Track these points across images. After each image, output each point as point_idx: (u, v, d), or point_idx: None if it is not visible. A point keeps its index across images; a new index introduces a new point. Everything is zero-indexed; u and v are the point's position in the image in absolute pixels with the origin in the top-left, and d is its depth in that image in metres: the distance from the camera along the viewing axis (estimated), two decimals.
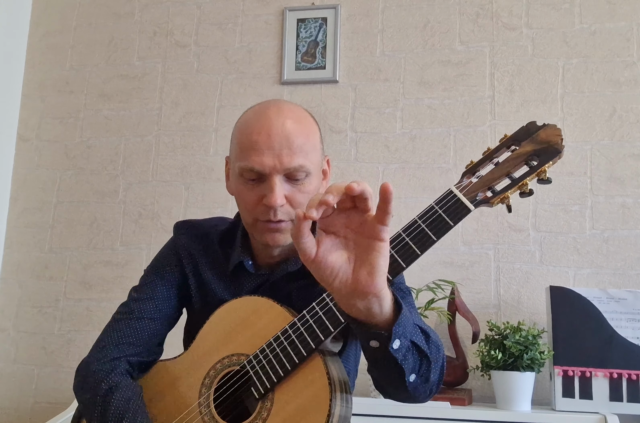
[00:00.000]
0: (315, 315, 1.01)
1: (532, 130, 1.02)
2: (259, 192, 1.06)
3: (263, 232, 1.08)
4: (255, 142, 1.05)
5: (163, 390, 1.11)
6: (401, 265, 0.99)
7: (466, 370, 1.86)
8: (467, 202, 0.99)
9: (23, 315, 2.32)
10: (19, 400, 2.26)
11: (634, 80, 2.07)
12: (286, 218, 1.07)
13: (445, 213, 0.99)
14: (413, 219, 1.00)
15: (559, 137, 1.00)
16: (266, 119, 1.07)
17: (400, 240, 1.00)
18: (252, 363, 1.03)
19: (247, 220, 1.11)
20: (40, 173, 2.42)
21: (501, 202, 1.01)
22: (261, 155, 1.04)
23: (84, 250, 2.33)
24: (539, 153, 0.99)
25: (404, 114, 2.20)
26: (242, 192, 1.09)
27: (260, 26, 2.36)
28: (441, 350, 1.03)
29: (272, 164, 1.04)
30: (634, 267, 1.96)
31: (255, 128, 1.07)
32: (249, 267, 1.15)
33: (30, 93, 2.50)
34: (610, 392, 1.72)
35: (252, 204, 1.07)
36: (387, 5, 2.28)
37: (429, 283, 1.89)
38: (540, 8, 2.17)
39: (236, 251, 1.17)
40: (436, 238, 0.99)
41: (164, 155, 2.34)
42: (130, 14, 2.48)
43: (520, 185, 1.00)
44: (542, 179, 0.99)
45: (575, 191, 2.04)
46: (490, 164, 1.03)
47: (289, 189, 1.06)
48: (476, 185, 1.01)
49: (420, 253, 0.99)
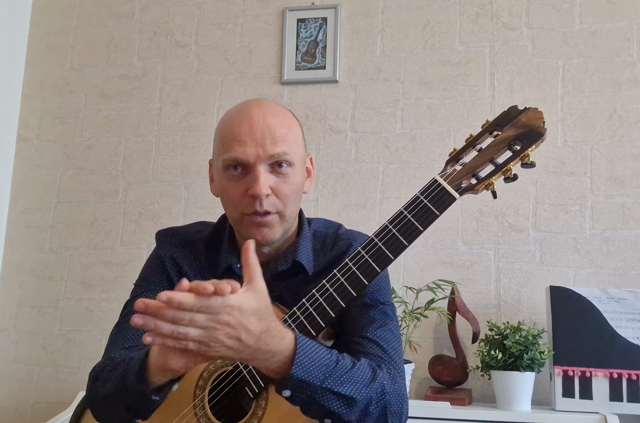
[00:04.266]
0: (305, 312, 1.01)
1: (513, 115, 1.01)
2: (244, 185, 1.06)
3: (250, 227, 1.07)
4: (238, 134, 1.05)
5: None
6: (389, 256, 0.98)
7: (466, 370, 1.87)
8: (451, 190, 0.98)
9: (23, 315, 2.32)
10: (19, 400, 2.26)
11: (634, 80, 2.07)
12: (272, 210, 1.06)
13: (431, 203, 0.98)
14: (399, 210, 1.00)
15: (540, 120, 0.99)
16: (247, 113, 1.08)
17: (387, 232, 0.99)
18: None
19: (234, 216, 1.10)
20: (40, 173, 2.42)
21: (486, 189, 1.00)
22: (244, 145, 1.05)
23: (84, 250, 2.33)
24: (521, 137, 0.99)
25: (404, 114, 2.20)
26: (227, 187, 1.08)
27: (260, 26, 2.36)
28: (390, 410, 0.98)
29: (255, 152, 1.04)
30: (634, 267, 1.96)
31: (236, 121, 1.08)
32: (237, 270, 1.12)
33: (30, 93, 2.50)
34: (610, 392, 1.72)
35: (237, 197, 1.07)
36: (387, 5, 2.28)
37: (429, 283, 1.89)
38: (540, 8, 2.17)
39: (223, 255, 1.15)
40: (423, 229, 0.98)
41: (164, 155, 2.34)
42: (130, 14, 2.48)
43: (504, 171, 0.99)
44: (526, 163, 0.99)
45: (575, 191, 2.04)
46: (474, 150, 1.03)
47: (274, 180, 1.06)
48: (460, 172, 1.00)
49: (408, 244, 0.98)
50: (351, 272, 1.00)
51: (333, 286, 1.01)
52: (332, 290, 1.00)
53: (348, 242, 1.15)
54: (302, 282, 1.13)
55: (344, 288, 1.00)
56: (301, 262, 1.12)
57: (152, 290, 1.16)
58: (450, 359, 1.89)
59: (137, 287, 1.21)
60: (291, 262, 1.12)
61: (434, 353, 1.98)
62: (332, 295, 1.00)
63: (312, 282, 1.11)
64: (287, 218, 1.09)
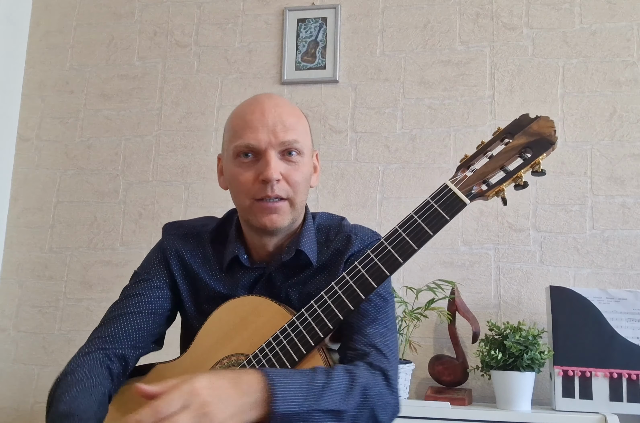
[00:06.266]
0: (313, 313, 1.01)
1: (525, 123, 1.02)
2: (256, 171, 1.07)
3: (260, 213, 1.08)
4: (250, 121, 1.08)
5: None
6: (398, 260, 0.99)
7: (466, 370, 1.87)
8: (462, 195, 0.99)
9: (23, 315, 2.32)
10: (19, 400, 2.26)
11: (634, 80, 2.07)
12: (284, 195, 1.08)
13: (441, 208, 0.99)
14: (409, 214, 1.01)
15: (551, 128, 1.00)
16: (258, 103, 1.11)
17: (397, 236, 1.00)
18: (252, 363, 1.03)
19: (244, 203, 1.10)
20: (40, 173, 2.42)
21: (496, 195, 1.01)
22: (256, 132, 1.07)
23: (84, 250, 2.33)
24: (532, 145, 1.00)
25: (404, 114, 2.20)
26: (238, 173, 1.09)
27: (260, 26, 2.36)
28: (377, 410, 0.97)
29: (267, 138, 1.06)
30: (634, 267, 1.96)
31: (248, 110, 1.10)
32: (244, 260, 1.15)
33: (30, 93, 2.50)
34: (610, 392, 1.72)
35: (248, 183, 1.08)
36: (387, 5, 2.28)
37: (429, 283, 1.90)
38: (540, 8, 2.17)
39: (230, 246, 1.17)
40: (432, 233, 0.99)
41: (164, 155, 2.34)
42: (130, 14, 2.48)
43: (515, 178, 1.00)
44: (536, 171, 1.00)
45: (575, 191, 2.04)
46: (484, 157, 1.03)
47: (284, 166, 1.08)
48: (471, 178, 1.01)
49: (417, 248, 0.99)
50: (360, 275, 1.01)
51: (342, 288, 1.01)
52: (341, 292, 1.01)
53: (347, 234, 1.16)
54: (307, 277, 1.13)
55: (352, 291, 1.00)
56: (304, 250, 1.12)
57: (149, 279, 1.19)
58: (450, 359, 1.89)
59: (136, 274, 1.23)
60: (294, 251, 1.12)
61: (434, 353, 1.98)
62: (340, 298, 1.01)
63: (316, 277, 1.12)
64: (297, 206, 1.11)
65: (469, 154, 1.04)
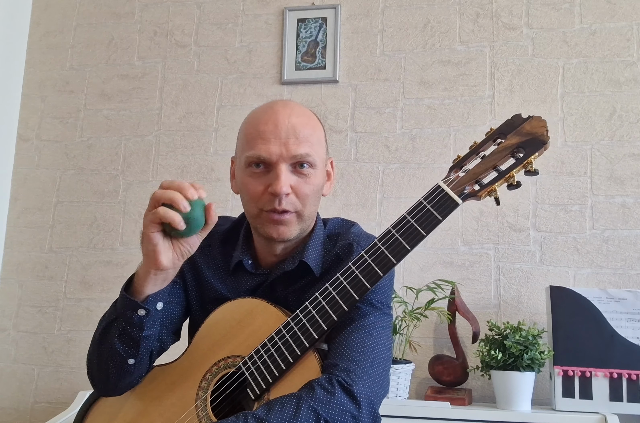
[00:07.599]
0: (308, 315, 1.01)
1: (517, 123, 1.02)
2: (265, 182, 1.07)
3: (267, 224, 1.08)
4: (263, 132, 1.07)
5: (160, 395, 1.11)
6: (391, 261, 0.99)
7: (466, 370, 1.86)
8: (454, 196, 0.99)
9: (23, 315, 2.32)
10: (19, 400, 2.26)
11: (634, 80, 2.07)
12: (291, 209, 1.07)
13: (434, 208, 0.99)
14: (402, 215, 1.01)
15: (543, 128, 1.00)
16: (273, 112, 1.09)
17: (390, 236, 1.00)
18: (247, 365, 1.03)
19: (252, 212, 1.11)
20: (40, 173, 2.42)
21: (489, 195, 1.01)
22: (268, 143, 1.06)
23: (84, 250, 2.33)
24: (524, 145, 1.00)
25: (404, 114, 2.20)
26: (248, 183, 1.09)
27: (260, 26, 2.36)
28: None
29: (278, 151, 1.05)
30: (634, 267, 1.96)
31: (262, 119, 1.09)
32: (248, 266, 1.15)
33: (30, 93, 2.50)
34: (610, 392, 1.72)
35: (257, 193, 1.08)
36: (387, 5, 2.28)
37: (429, 283, 1.89)
38: (540, 8, 2.17)
39: (237, 250, 1.17)
40: (425, 233, 0.99)
41: (164, 155, 2.34)
42: (130, 14, 2.48)
43: (507, 178, 1.00)
44: (529, 171, 1.00)
45: (575, 191, 2.04)
46: (477, 157, 1.03)
47: (295, 179, 1.07)
48: (463, 179, 1.01)
49: (410, 249, 0.99)
50: (354, 275, 1.01)
51: (336, 289, 1.01)
52: (335, 293, 1.01)
53: (349, 243, 1.14)
54: (307, 285, 1.13)
55: (346, 292, 1.00)
56: (307, 262, 1.12)
57: None
58: (450, 359, 1.89)
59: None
60: (297, 263, 1.12)
61: (434, 353, 1.98)
62: (334, 299, 1.01)
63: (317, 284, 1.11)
64: (305, 218, 1.10)
65: (461, 155, 1.04)
